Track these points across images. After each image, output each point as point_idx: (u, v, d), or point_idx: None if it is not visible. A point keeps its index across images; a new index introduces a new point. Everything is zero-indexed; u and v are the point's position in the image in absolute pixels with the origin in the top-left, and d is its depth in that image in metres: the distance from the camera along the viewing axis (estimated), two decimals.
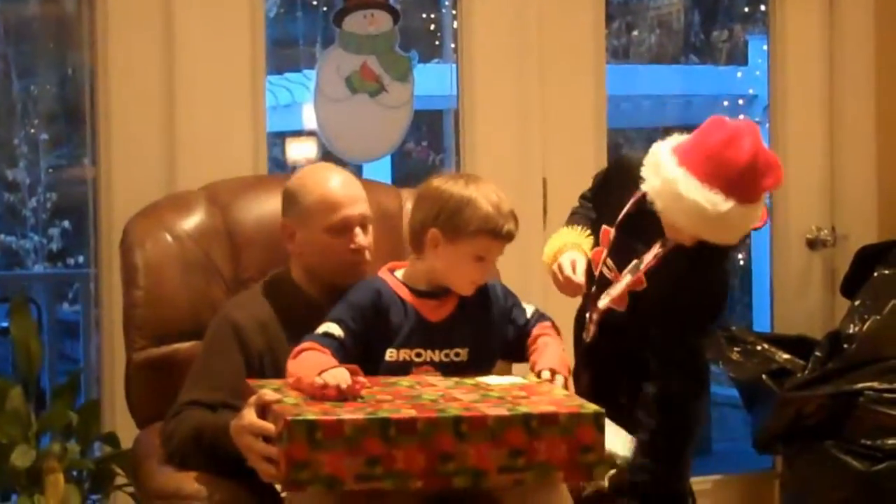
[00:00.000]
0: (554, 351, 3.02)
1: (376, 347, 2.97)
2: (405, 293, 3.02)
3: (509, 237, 3.01)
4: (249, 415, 2.77)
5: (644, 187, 3.06)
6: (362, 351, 2.94)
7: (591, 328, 3.27)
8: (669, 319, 3.13)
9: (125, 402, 3.38)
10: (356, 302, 2.98)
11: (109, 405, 3.85)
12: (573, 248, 3.28)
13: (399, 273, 3.07)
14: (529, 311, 3.12)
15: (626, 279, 3.20)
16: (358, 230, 3.08)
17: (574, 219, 3.40)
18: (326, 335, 2.91)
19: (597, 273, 3.26)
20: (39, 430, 3.60)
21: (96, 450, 3.80)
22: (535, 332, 3.09)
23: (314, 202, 3.08)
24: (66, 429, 3.61)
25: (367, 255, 3.10)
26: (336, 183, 3.10)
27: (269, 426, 2.72)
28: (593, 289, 3.26)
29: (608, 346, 3.25)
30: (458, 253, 2.97)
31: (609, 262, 3.25)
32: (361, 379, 2.77)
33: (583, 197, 3.49)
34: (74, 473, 3.60)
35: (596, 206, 3.40)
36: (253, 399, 2.79)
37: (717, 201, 2.95)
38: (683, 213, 3.00)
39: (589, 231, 3.31)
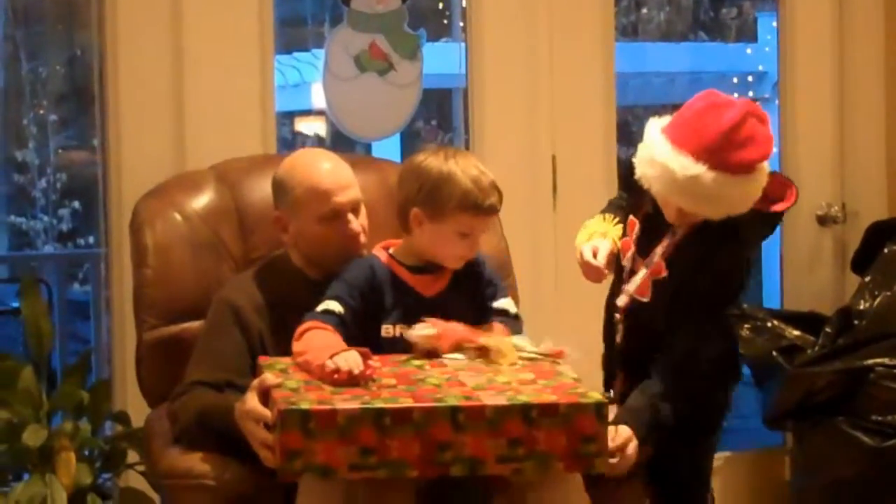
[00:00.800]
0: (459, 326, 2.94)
1: (372, 324, 2.96)
2: (399, 269, 3.01)
3: (491, 211, 2.96)
4: (252, 400, 2.77)
5: (636, 158, 3.05)
6: (360, 327, 2.94)
7: (620, 328, 3.23)
8: (687, 305, 3.08)
9: (136, 381, 3.39)
10: (352, 279, 2.98)
11: (120, 384, 3.86)
12: (600, 238, 3.24)
13: (393, 250, 3.05)
14: (502, 303, 3.07)
15: (642, 271, 3.17)
16: (350, 216, 3.07)
17: (606, 208, 3.37)
18: (327, 312, 2.91)
19: (625, 263, 3.23)
20: (51, 409, 3.61)
21: (108, 429, 3.81)
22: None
23: (303, 193, 3.06)
24: (78, 408, 3.62)
25: (363, 238, 3.09)
26: (324, 171, 3.08)
27: (267, 413, 2.72)
28: (622, 286, 3.23)
29: (639, 345, 3.20)
30: (441, 231, 2.95)
31: (635, 253, 3.21)
32: (373, 363, 2.77)
33: (620, 188, 3.47)
34: (86, 452, 3.61)
35: (629, 195, 3.36)
36: (255, 383, 2.79)
37: (685, 164, 2.91)
38: (657, 179, 2.97)
39: (618, 219, 3.28)
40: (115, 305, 3.91)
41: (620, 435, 2.89)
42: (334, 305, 2.94)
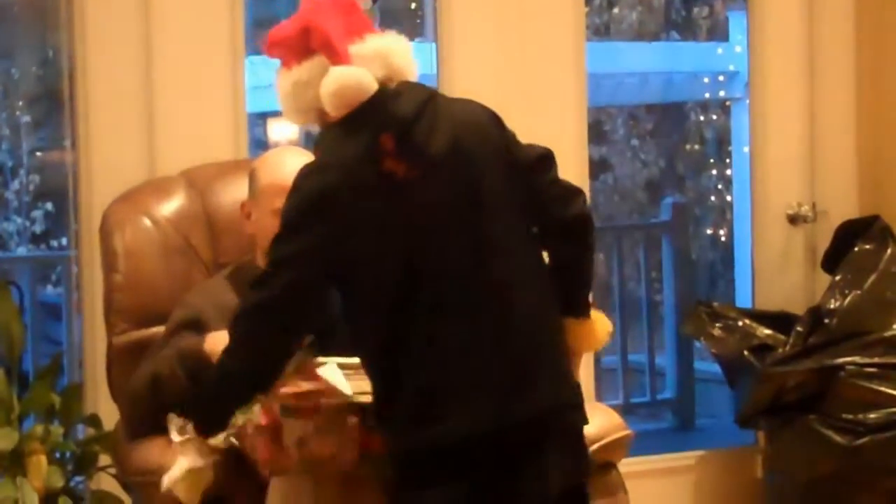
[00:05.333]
0: None
1: None
2: None
3: None
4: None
5: None
6: None
7: None
8: None
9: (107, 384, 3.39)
10: None
11: (92, 387, 3.85)
12: None
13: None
14: None
15: None
16: None
17: None
18: None
19: None
20: (22, 412, 3.60)
21: (79, 432, 3.81)
22: None
23: (265, 185, 3.14)
24: (49, 411, 3.61)
25: None
26: (289, 168, 3.08)
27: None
28: None
29: None
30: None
31: None
32: None
33: None
34: (57, 455, 3.60)
35: None
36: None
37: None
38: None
39: None
40: (87, 308, 3.90)
41: None
42: None
